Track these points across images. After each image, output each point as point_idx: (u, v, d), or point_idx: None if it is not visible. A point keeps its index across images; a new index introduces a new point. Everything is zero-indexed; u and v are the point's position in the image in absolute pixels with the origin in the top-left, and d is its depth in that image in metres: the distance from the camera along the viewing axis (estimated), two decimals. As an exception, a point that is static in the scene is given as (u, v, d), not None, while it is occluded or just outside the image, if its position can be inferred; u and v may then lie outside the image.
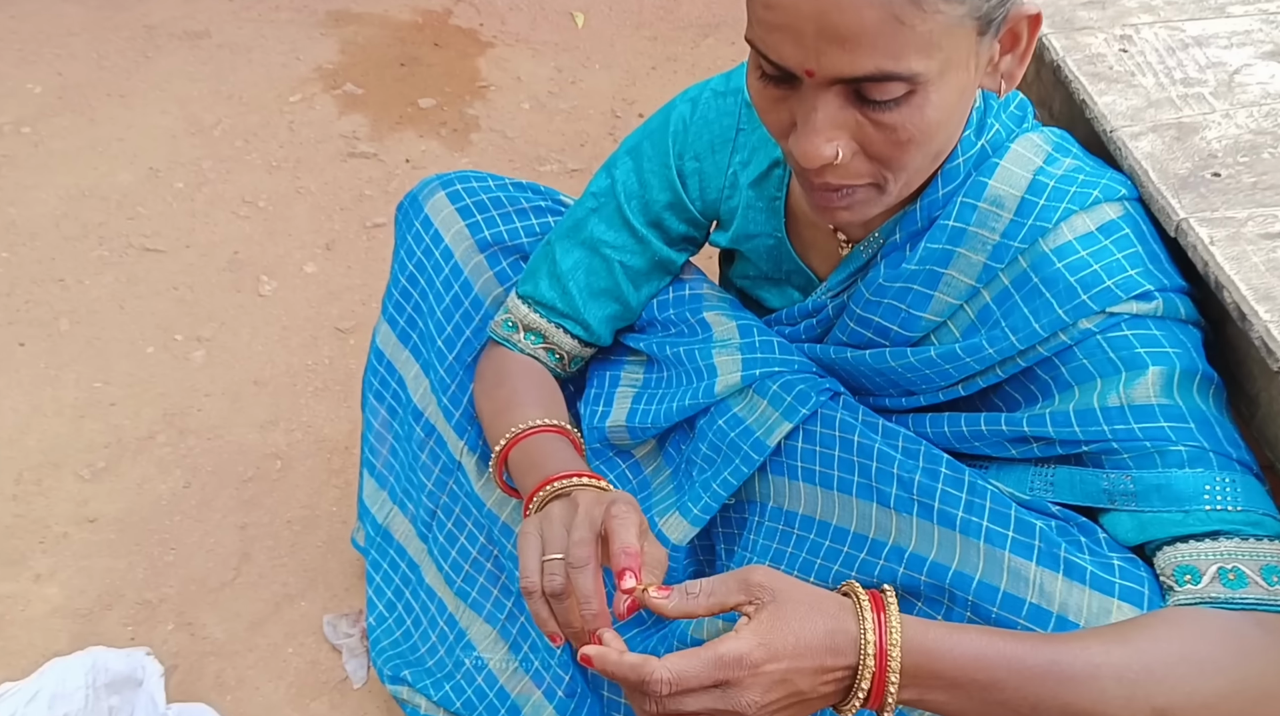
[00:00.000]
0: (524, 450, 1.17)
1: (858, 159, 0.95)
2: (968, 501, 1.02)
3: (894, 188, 0.99)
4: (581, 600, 0.93)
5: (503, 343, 1.30)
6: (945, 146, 1.01)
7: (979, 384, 1.09)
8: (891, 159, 0.95)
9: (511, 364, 1.28)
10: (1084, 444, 1.01)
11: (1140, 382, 0.99)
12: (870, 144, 0.94)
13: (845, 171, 0.96)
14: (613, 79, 2.66)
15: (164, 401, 1.95)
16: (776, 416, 1.14)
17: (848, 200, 0.99)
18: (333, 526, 1.76)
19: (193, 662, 1.59)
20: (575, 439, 1.19)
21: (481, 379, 1.31)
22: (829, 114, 0.91)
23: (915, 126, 0.91)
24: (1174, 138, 1.14)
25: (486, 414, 1.27)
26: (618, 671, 0.86)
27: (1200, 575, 0.94)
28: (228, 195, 2.36)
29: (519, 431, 1.18)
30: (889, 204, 1.02)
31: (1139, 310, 1.00)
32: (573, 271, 1.25)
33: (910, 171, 0.98)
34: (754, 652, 0.85)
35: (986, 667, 0.87)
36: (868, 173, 0.96)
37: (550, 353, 1.29)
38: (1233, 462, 0.97)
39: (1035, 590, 0.97)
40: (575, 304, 1.25)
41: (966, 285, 1.07)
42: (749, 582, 0.87)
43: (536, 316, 1.27)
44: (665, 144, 1.22)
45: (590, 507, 0.98)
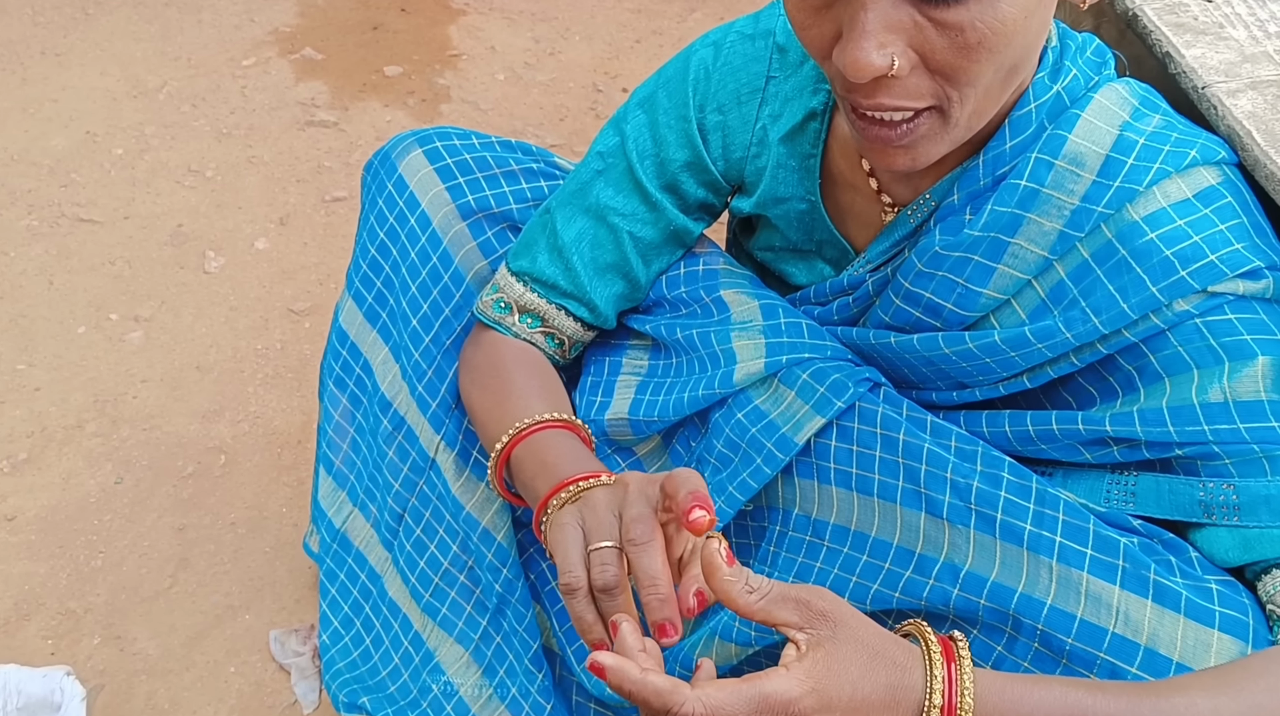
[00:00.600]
0: (529, 449, 1.03)
1: (917, 73, 0.82)
2: (1036, 512, 0.90)
3: (961, 114, 0.85)
4: (647, 584, 0.80)
5: (493, 326, 1.15)
6: (1022, 64, 0.87)
7: (1049, 374, 0.97)
8: (958, 70, 0.81)
9: (506, 351, 1.14)
10: (1177, 446, 0.89)
11: (1247, 375, 0.87)
12: (932, 52, 0.80)
13: (903, 89, 0.83)
14: (594, 51, 2.53)
15: (95, 387, 1.83)
16: (806, 410, 1.01)
17: (909, 136, 0.86)
18: (282, 530, 1.64)
19: (121, 682, 1.47)
20: (586, 436, 1.06)
21: (471, 369, 1.16)
22: (882, 13, 0.78)
23: (988, 25, 0.78)
24: (1277, 96, 1.02)
25: (480, 409, 1.13)
26: (638, 691, 0.73)
27: None
28: (172, 163, 2.24)
29: (524, 427, 1.04)
30: (956, 141, 0.89)
31: (1245, 290, 0.89)
32: (577, 243, 1.11)
33: (980, 91, 0.84)
34: (805, 699, 0.73)
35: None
36: (929, 91, 0.83)
37: (549, 338, 1.14)
38: None
39: (1119, 618, 0.85)
40: (581, 281, 1.11)
41: (1037, 257, 0.94)
42: (810, 607, 0.75)
43: (534, 296, 1.12)
44: (684, 94, 1.08)
45: (644, 485, 0.86)
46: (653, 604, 0.80)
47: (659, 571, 0.80)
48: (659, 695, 0.72)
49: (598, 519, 0.86)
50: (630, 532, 0.82)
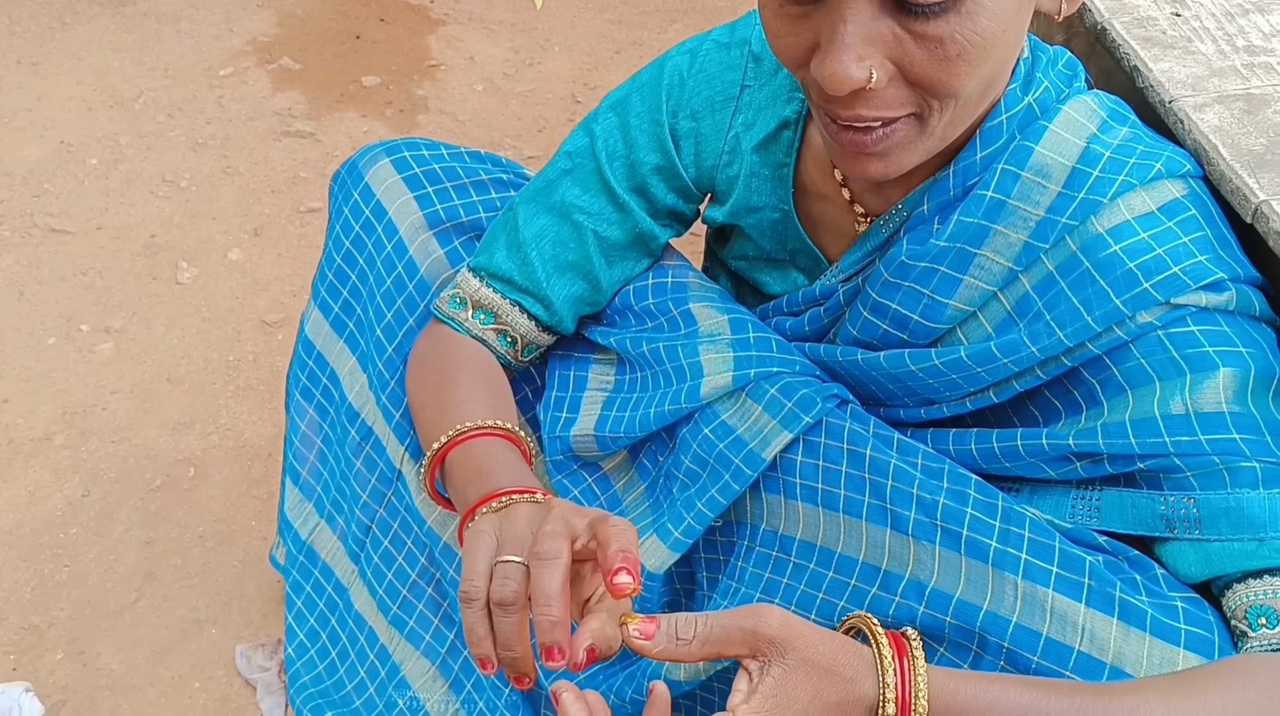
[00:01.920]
0: (466, 454, 1.00)
1: (895, 84, 0.81)
2: (1002, 530, 0.89)
3: (938, 122, 0.85)
4: (541, 602, 0.77)
5: (446, 321, 1.14)
6: (999, 76, 0.87)
7: (1014, 388, 0.96)
8: (937, 83, 0.81)
9: (455, 349, 1.12)
10: (1139, 459, 0.88)
11: (1209, 387, 0.86)
12: (911, 64, 0.80)
13: (881, 100, 0.82)
14: (573, 62, 2.52)
15: (63, 398, 1.81)
16: (774, 425, 1.00)
17: (884, 143, 0.85)
18: (251, 543, 1.62)
19: (84, 698, 1.45)
20: (526, 449, 1.04)
21: (416, 363, 1.15)
22: (861, 26, 0.78)
23: (966, 39, 0.78)
24: (1244, 110, 1.01)
25: (421, 406, 1.11)
26: None
27: (1278, 616, 0.82)
28: (146, 174, 2.22)
29: (462, 431, 1.01)
30: (930, 150, 0.88)
31: (1208, 302, 0.88)
32: (537, 240, 1.09)
33: (959, 101, 0.84)
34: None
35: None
36: (908, 100, 0.83)
37: (501, 335, 1.13)
38: None
39: (1085, 637, 0.84)
40: (536, 277, 1.10)
41: (1003, 269, 0.93)
42: (758, 636, 0.74)
43: (489, 291, 1.11)
44: (658, 99, 1.07)
45: (569, 512, 0.83)
46: (544, 625, 0.76)
47: (556, 592, 0.77)
48: None
49: (514, 532, 0.84)
50: (538, 546, 0.79)
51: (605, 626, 0.79)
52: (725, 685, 1.07)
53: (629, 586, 0.74)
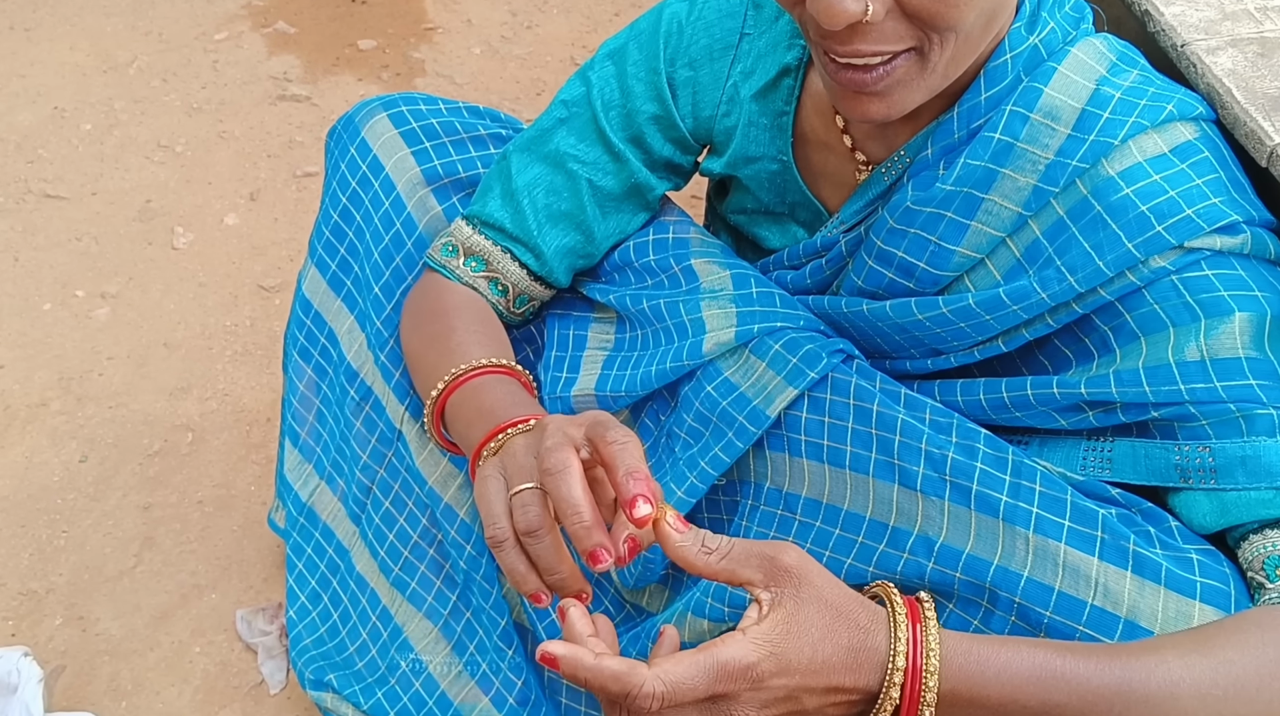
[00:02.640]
0: (466, 395, 0.99)
1: (893, 17, 0.80)
2: (1013, 483, 0.88)
3: (939, 59, 0.83)
4: (569, 512, 0.75)
5: (439, 269, 1.12)
6: (1000, 11, 0.85)
7: (1024, 337, 0.94)
8: (935, 14, 0.79)
9: (448, 295, 1.11)
10: (1153, 407, 0.87)
11: (1224, 332, 0.85)
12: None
13: (879, 34, 0.80)
14: (572, 25, 2.50)
15: (60, 364, 1.80)
16: (778, 381, 0.99)
17: (885, 81, 0.83)
18: (250, 508, 1.61)
19: (83, 663, 1.44)
20: (526, 381, 1.02)
21: (410, 313, 1.14)
22: None
23: None
24: (1258, 54, 0.99)
25: (416, 354, 1.10)
26: (594, 678, 0.70)
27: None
28: (141, 138, 2.21)
29: (460, 372, 1.00)
30: (933, 88, 0.86)
31: (1223, 245, 0.87)
32: (529, 188, 1.08)
33: (960, 36, 0.82)
34: (763, 663, 0.70)
35: (1042, 692, 0.73)
36: (908, 33, 0.81)
37: (493, 283, 1.11)
38: None
39: (1098, 591, 0.83)
40: (528, 225, 1.09)
41: (1011, 214, 0.92)
42: (775, 563, 0.72)
43: (481, 238, 1.10)
44: (655, 47, 1.05)
45: (563, 424, 0.80)
46: (579, 532, 0.74)
47: (579, 498, 0.75)
48: (616, 679, 0.69)
49: (517, 464, 0.82)
50: (544, 463, 0.77)
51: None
52: None
53: (650, 515, 0.72)
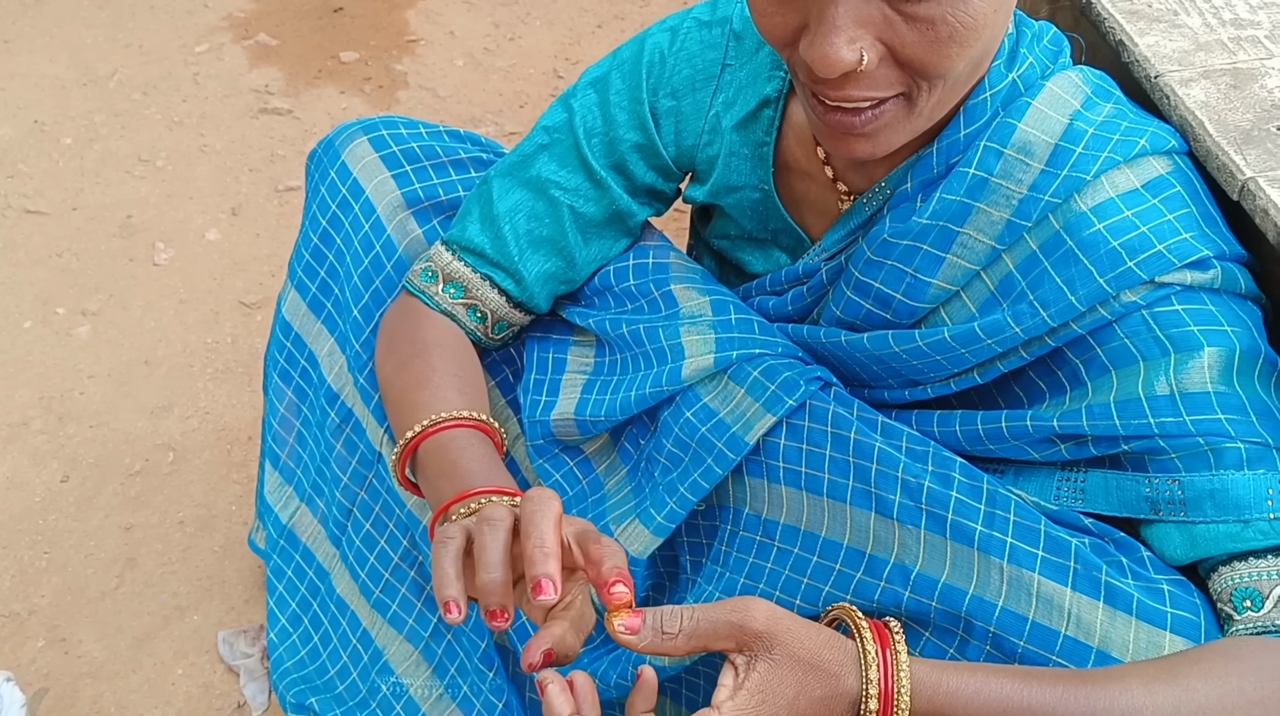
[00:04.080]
0: (438, 445, 1.00)
1: (885, 65, 0.81)
2: (987, 513, 0.89)
3: (926, 103, 0.84)
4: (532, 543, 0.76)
5: (417, 295, 1.13)
6: (988, 55, 0.87)
7: (999, 369, 0.96)
8: (927, 64, 0.80)
9: (428, 328, 1.11)
10: (1124, 441, 0.88)
11: (1193, 367, 0.86)
12: (901, 46, 0.79)
13: (870, 81, 0.81)
14: (555, 37, 2.50)
15: (41, 383, 1.80)
16: (757, 408, 1.00)
17: (872, 124, 0.85)
18: (232, 528, 1.61)
19: (66, 685, 1.45)
20: (499, 440, 1.03)
21: (387, 336, 1.14)
22: (852, 7, 0.77)
23: (959, 20, 0.77)
24: (1230, 85, 1.00)
25: (391, 387, 1.10)
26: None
27: (1263, 599, 0.82)
28: (122, 153, 2.21)
29: (436, 422, 1.01)
30: (917, 129, 0.87)
31: (1193, 281, 0.88)
32: (510, 214, 1.09)
33: (949, 81, 0.83)
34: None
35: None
36: (898, 80, 0.82)
37: (471, 310, 1.12)
38: None
39: (1071, 621, 0.84)
40: (509, 251, 1.09)
41: (985, 248, 0.93)
42: (744, 631, 0.74)
43: (460, 264, 1.11)
44: (638, 77, 1.06)
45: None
46: (534, 556, 0.75)
47: (545, 533, 0.76)
48: None
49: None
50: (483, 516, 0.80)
51: (566, 635, 0.78)
52: (710, 669, 1.07)
53: (625, 597, 0.74)
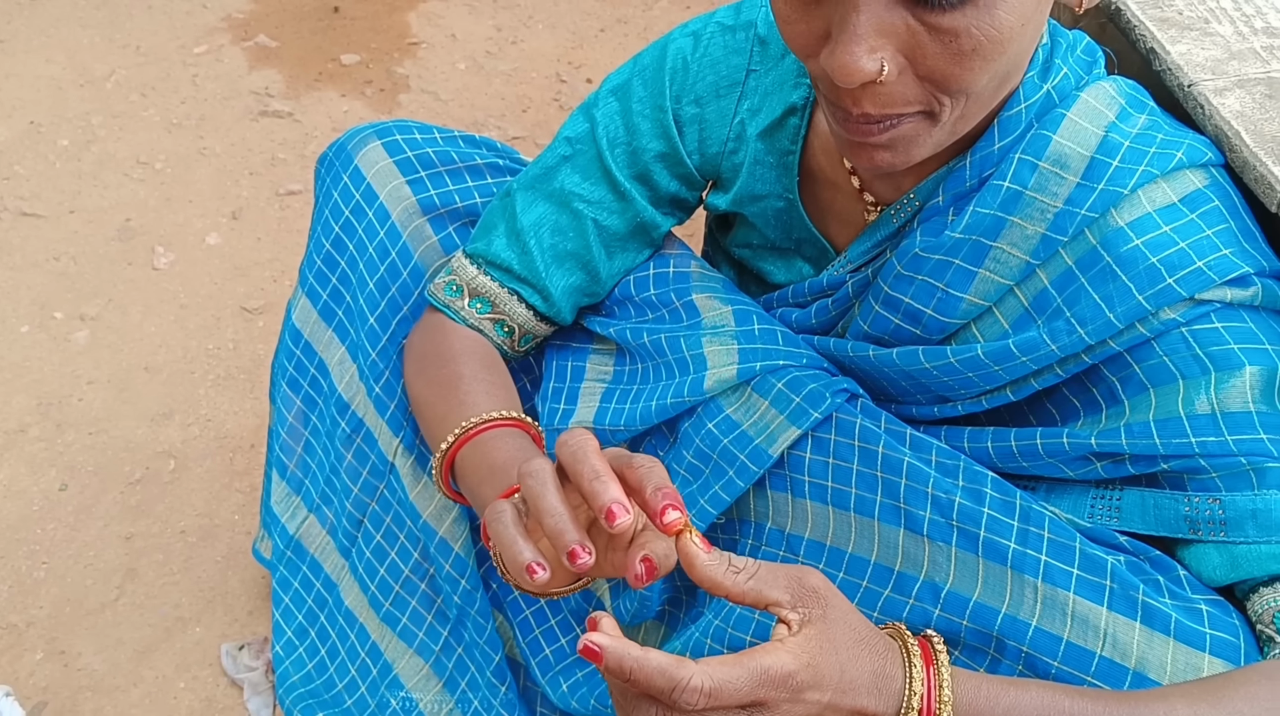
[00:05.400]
0: (477, 450, 0.99)
1: (906, 78, 0.79)
2: (1021, 530, 0.89)
3: (949, 118, 0.83)
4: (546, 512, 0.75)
5: (443, 309, 1.12)
6: (1015, 70, 0.86)
7: (1032, 386, 0.95)
8: (949, 78, 0.79)
9: (454, 340, 1.11)
10: (1162, 460, 0.87)
11: (1234, 385, 0.85)
12: (923, 57, 0.78)
13: (890, 96, 0.80)
14: (557, 40, 2.51)
15: (39, 389, 1.80)
16: (781, 420, 0.99)
17: (890, 135, 0.83)
18: (234, 538, 1.61)
19: (65, 699, 1.44)
20: (536, 433, 1.02)
21: (415, 355, 1.13)
22: (875, 15, 0.76)
23: (984, 33, 0.76)
24: (1265, 95, 1.00)
25: (423, 402, 1.10)
26: (640, 669, 0.68)
27: None
28: (120, 155, 2.21)
29: (470, 427, 1.00)
30: (940, 143, 0.86)
31: (1233, 298, 0.87)
32: (535, 228, 1.08)
33: (972, 97, 0.82)
34: (801, 674, 0.70)
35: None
36: (917, 98, 0.81)
37: (499, 325, 1.11)
38: None
39: (1107, 641, 0.84)
40: (535, 267, 1.08)
41: (1020, 262, 0.92)
42: (803, 585, 0.72)
43: (487, 279, 1.10)
44: (661, 84, 1.05)
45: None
46: (558, 527, 0.74)
47: (555, 500, 0.75)
48: (663, 671, 0.67)
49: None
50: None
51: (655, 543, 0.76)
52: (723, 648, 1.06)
53: (679, 521, 0.72)
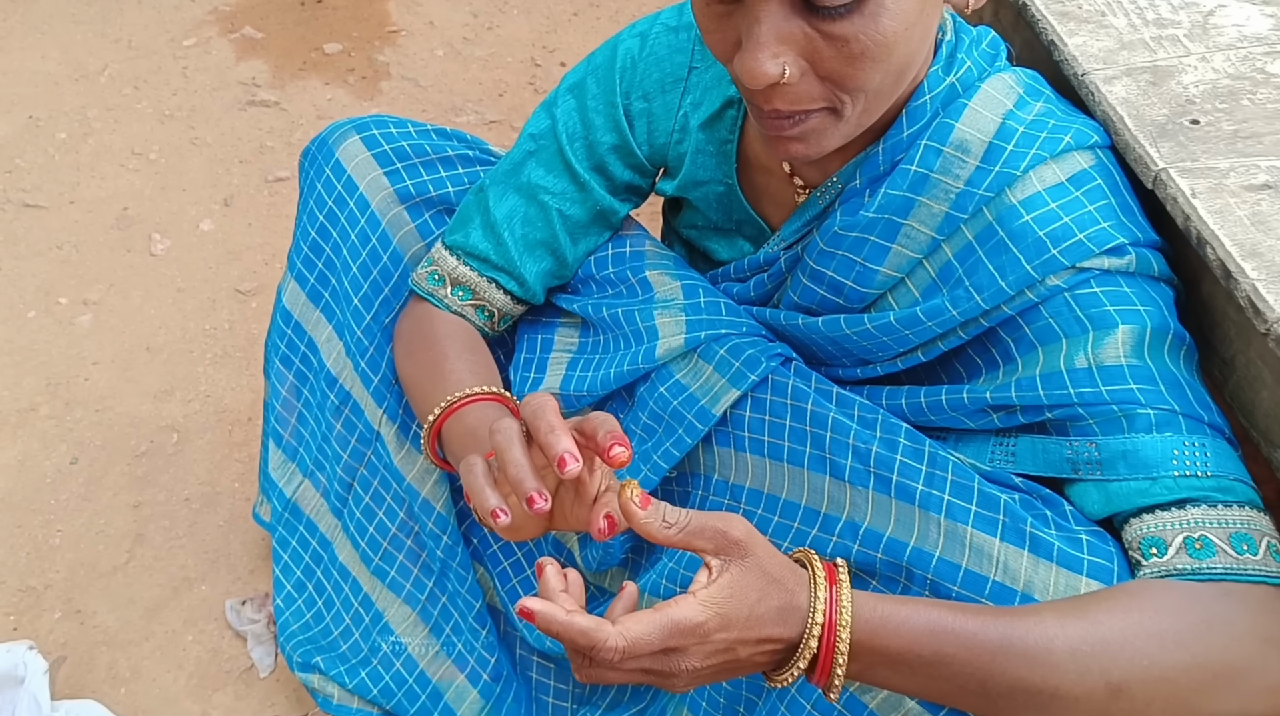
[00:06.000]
0: (459, 422, 1.10)
1: (808, 79, 0.90)
2: (928, 473, 0.99)
3: (851, 113, 0.94)
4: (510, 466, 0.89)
5: (427, 298, 1.23)
6: (907, 68, 0.96)
7: (940, 348, 1.06)
8: (845, 78, 0.90)
9: (438, 324, 1.22)
10: (1048, 409, 0.98)
11: (1109, 342, 0.96)
12: (821, 61, 0.89)
13: (795, 94, 0.91)
14: (532, 25, 2.59)
15: (47, 370, 1.88)
16: (723, 383, 1.10)
17: (801, 128, 0.94)
18: (235, 504, 1.70)
19: (83, 653, 1.54)
20: (513, 406, 1.13)
21: (403, 340, 1.24)
22: (774, 26, 0.86)
23: (870, 38, 0.87)
24: (1149, 82, 1.10)
25: (412, 381, 1.21)
26: (565, 632, 0.81)
27: (1166, 546, 0.92)
28: (115, 146, 2.28)
29: (454, 401, 1.12)
30: (848, 134, 0.97)
31: (1110, 266, 0.98)
32: (508, 219, 1.19)
33: (869, 94, 0.93)
34: (709, 622, 0.82)
35: (935, 644, 0.85)
36: (820, 95, 0.92)
37: (480, 310, 1.22)
38: (1203, 426, 0.95)
39: (999, 567, 0.94)
40: (510, 256, 1.19)
41: (927, 238, 1.03)
42: (726, 536, 0.83)
43: (467, 269, 1.21)
44: (612, 81, 1.16)
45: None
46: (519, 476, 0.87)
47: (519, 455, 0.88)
48: (584, 634, 0.80)
49: None
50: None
51: (615, 502, 0.88)
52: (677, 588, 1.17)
53: (624, 454, 0.84)
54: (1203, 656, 0.86)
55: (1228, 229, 0.96)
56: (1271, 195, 0.99)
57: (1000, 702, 0.87)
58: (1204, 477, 0.92)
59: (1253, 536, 0.90)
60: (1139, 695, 0.85)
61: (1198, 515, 0.92)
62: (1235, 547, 0.90)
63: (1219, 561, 0.90)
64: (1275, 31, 1.16)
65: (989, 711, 0.88)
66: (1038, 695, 0.86)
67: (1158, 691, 0.85)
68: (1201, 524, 0.91)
